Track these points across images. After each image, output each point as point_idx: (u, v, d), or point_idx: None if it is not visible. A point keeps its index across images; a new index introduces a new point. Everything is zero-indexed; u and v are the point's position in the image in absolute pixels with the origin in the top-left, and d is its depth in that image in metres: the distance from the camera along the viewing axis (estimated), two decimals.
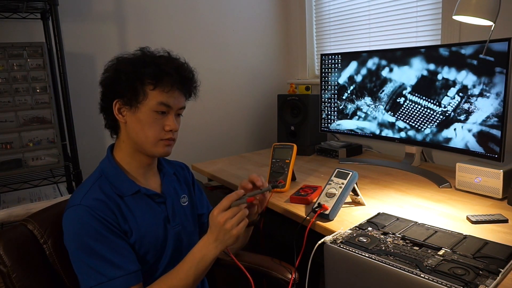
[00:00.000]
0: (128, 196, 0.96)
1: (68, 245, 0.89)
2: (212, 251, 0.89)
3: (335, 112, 1.91)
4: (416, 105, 1.57)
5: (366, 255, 0.85)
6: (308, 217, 1.16)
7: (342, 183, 1.19)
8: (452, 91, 1.43)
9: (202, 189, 1.21)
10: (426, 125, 1.55)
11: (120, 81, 0.94)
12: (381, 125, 1.73)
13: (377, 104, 1.72)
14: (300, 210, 1.26)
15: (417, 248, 0.88)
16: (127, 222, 0.93)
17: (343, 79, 1.85)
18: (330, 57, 1.89)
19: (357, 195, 1.24)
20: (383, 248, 0.88)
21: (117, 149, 1.02)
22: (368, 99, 1.76)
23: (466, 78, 1.38)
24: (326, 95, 1.94)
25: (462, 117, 1.41)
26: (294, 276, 1.11)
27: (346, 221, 1.14)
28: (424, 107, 1.54)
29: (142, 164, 1.01)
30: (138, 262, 0.92)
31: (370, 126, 1.77)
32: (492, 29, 1.18)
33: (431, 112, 1.52)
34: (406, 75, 1.59)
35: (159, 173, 1.08)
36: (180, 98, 0.98)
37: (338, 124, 1.91)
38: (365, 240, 0.91)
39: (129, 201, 0.96)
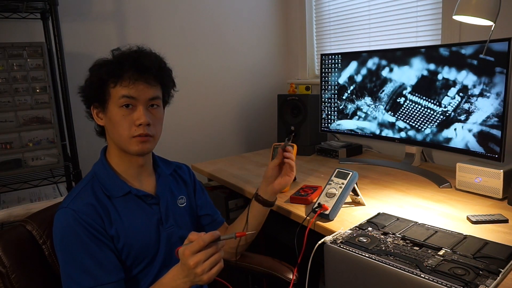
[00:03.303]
0: (119, 197, 0.96)
1: (55, 248, 0.90)
2: (180, 286, 0.84)
3: (335, 112, 1.91)
4: (416, 105, 1.57)
5: (366, 255, 0.85)
6: (308, 217, 1.16)
7: (342, 183, 1.19)
8: (452, 91, 1.43)
9: (205, 190, 1.21)
10: (426, 125, 1.55)
11: (89, 86, 0.97)
12: (381, 125, 1.72)
13: (377, 104, 1.72)
14: (300, 210, 1.26)
15: (417, 248, 0.88)
16: (115, 227, 0.92)
17: (343, 79, 1.85)
18: (330, 57, 1.89)
19: (357, 195, 1.24)
20: (383, 248, 0.88)
21: (108, 151, 1.02)
22: (368, 99, 1.75)
23: (466, 78, 1.37)
24: (326, 95, 1.94)
25: (462, 117, 1.41)
26: (294, 276, 1.11)
27: (346, 221, 1.14)
28: (424, 107, 1.54)
29: (133, 165, 1.00)
30: (120, 271, 0.90)
31: (370, 126, 1.77)
32: (492, 29, 1.18)
33: (431, 112, 1.52)
34: (406, 75, 1.59)
35: (155, 174, 1.07)
36: (147, 89, 0.94)
37: (338, 124, 1.91)
38: (365, 240, 0.91)
39: (119, 204, 0.95)
